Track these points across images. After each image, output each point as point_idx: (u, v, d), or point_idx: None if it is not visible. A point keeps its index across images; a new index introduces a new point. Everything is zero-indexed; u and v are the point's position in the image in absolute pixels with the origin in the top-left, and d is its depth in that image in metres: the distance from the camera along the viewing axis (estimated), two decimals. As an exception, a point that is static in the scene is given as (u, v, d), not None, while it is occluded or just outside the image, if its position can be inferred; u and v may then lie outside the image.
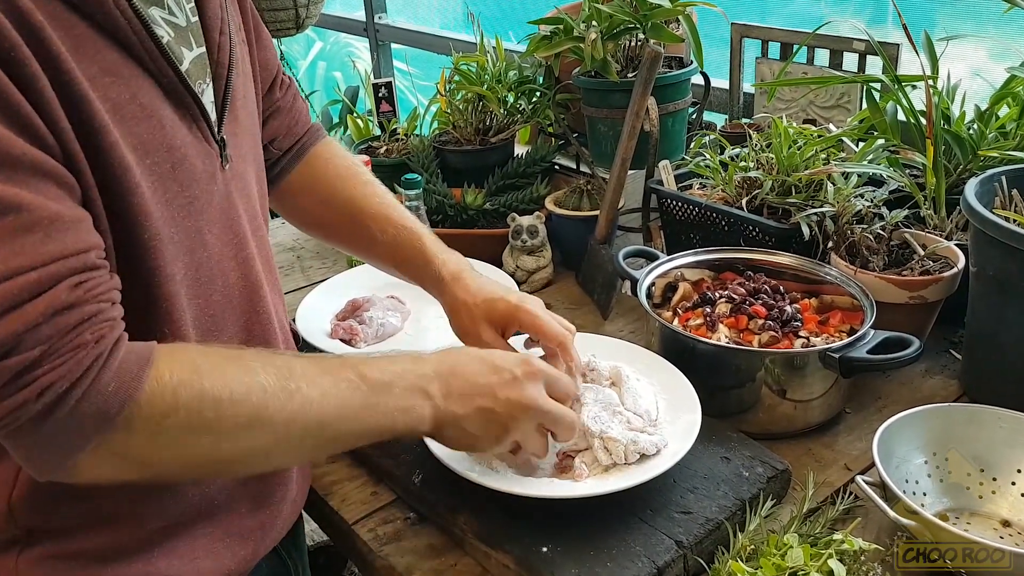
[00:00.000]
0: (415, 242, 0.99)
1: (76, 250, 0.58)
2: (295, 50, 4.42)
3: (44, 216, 0.56)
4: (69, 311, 0.58)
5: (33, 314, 0.55)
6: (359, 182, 1.03)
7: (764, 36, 1.64)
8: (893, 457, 0.89)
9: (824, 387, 1.00)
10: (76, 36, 0.60)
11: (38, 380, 0.56)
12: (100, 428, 0.60)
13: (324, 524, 1.02)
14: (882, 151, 1.23)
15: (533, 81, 1.68)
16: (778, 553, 0.80)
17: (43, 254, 0.56)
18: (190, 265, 0.72)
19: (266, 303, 0.83)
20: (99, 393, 0.59)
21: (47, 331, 0.56)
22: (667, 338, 1.07)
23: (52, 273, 0.57)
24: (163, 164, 0.67)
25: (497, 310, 0.94)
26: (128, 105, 0.64)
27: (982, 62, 1.86)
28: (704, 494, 0.88)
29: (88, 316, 0.59)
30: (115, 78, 0.63)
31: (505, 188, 1.63)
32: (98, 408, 0.59)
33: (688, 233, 1.34)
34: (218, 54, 0.75)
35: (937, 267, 1.12)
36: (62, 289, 0.57)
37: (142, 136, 0.65)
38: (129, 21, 0.64)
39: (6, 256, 0.55)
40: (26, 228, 0.56)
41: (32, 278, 0.55)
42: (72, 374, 0.57)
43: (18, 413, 0.56)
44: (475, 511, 0.87)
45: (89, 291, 0.59)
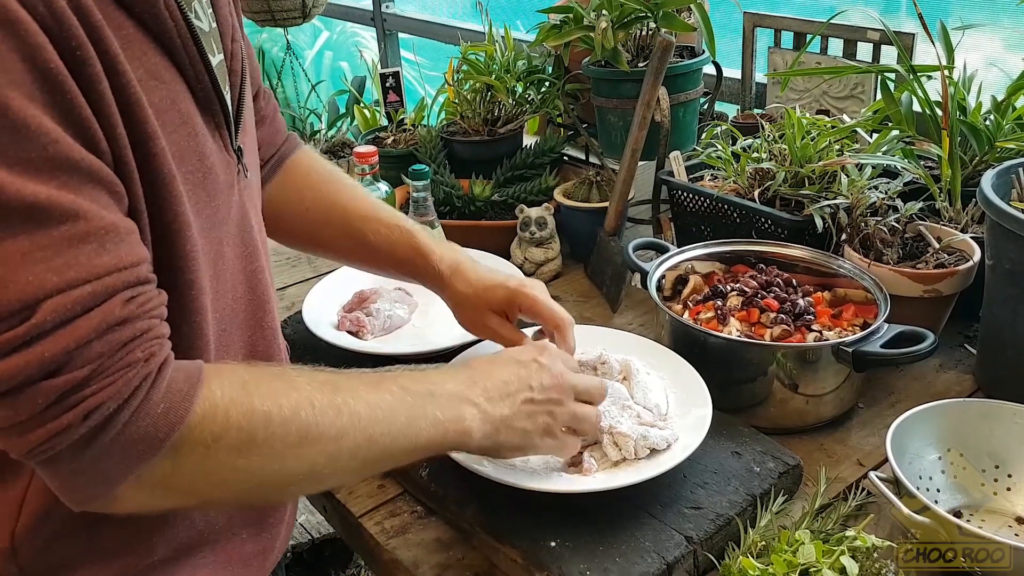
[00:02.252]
0: (410, 240, 0.97)
1: (130, 263, 0.55)
2: (301, 39, 4.40)
3: (100, 226, 0.53)
4: (121, 327, 0.54)
5: (85, 330, 0.52)
6: (343, 186, 1.01)
7: (777, 25, 1.62)
8: (906, 453, 0.88)
9: (837, 381, 0.99)
10: (124, 36, 0.57)
11: (85, 401, 0.53)
12: (147, 453, 0.56)
13: (331, 517, 1.01)
14: (897, 142, 1.21)
15: (542, 71, 1.66)
16: (790, 549, 0.79)
17: (98, 266, 0.53)
18: (212, 277, 0.70)
19: (271, 317, 0.82)
20: (148, 415, 0.55)
21: (98, 348, 0.53)
22: (677, 331, 1.05)
23: (107, 286, 0.53)
24: (196, 173, 0.65)
25: (498, 296, 0.94)
26: (169, 111, 0.61)
27: (997, 52, 1.83)
28: (715, 489, 0.87)
29: (140, 332, 0.56)
30: (158, 82, 0.60)
31: (513, 179, 1.62)
32: (147, 431, 0.55)
33: (699, 225, 1.32)
34: (231, 61, 0.73)
35: (952, 260, 1.10)
36: (115, 303, 0.54)
37: (180, 144, 0.62)
38: (176, 23, 0.61)
39: (60, 267, 0.52)
40: (81, 238, 0.52)
41: (87, 291, 0.52)
42: (121, 395, 0.54)
43: (60, 437, 0.53)
44: (483, 505, 0.87)
45: (141, 306, 0.56)
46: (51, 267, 0.51)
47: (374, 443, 0.67)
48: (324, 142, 2.46)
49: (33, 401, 0.52)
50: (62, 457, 0.54)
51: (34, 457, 0.54)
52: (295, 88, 3.75)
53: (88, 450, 0.54)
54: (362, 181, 1.44)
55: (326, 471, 0.66)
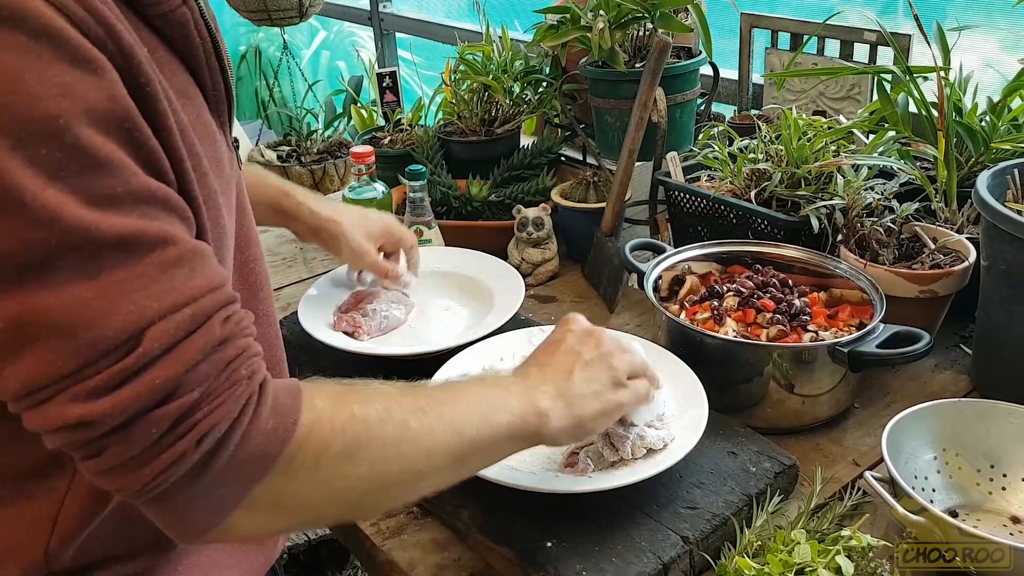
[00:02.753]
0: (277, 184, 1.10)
1: (219, 283, 0.56)
2: (298, 39, 4.40)
3: (188, 249, 0.54)
4: (224, 347, 0.54)
5: (191, 353, 0.52)
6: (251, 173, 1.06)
7: (774, 26, 1.62)
8: (902, 453, 0.88)
9: (833, 382, 0.99)
10: (158, 59, 0.58)
11: (198, 425, 0.52)
12: (261, 472, 0.56)
13: (327, 517, 1.01)
14: (893, 143, 1.22)
15: (539, 71, 1.66)
16: (785, 549, 0.79)
17: (193, 288, 0.53)
18: (240, 276, 0.71)
19: (268, 304, 0.82)
20: (259, 432, 0.55)
21: (205, 370, 0.53)
22: (674, 332, 1.06)
23: (204, 308, 0.53)
24: (220, 179, 0.65)
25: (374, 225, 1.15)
26: (196, 125, 0.62)
27: (993, 53, 1.84)
28: (711, 489, 0.87)
29: (241, 351, 0.56)
30: (187, 99, 0.61)
31: (511, 180, 1.62)
32: (259, 449, 0.55)
33: (696, 226, 1.33)
34: None
35: (948, 261, 1.10)
36: (215, 324, 0.54)
37: (210, 154, 0.63)
38: (203, 40, 0.62)
39: (159, 294, 0.51)
40: (173, 263, 0.53)
41: (187, 315, 0.52)
42: (231, 414, 0.53)
43: (176, 467, 0.52)
44: (479, 505, 0.87)
45: (237, 324, 0.56)
46: (149, 294, 0.51)
47: (462, 436, 0.67)
48: (321, 142, 2.47)
49: (146, 432, 0.51)
50: (175, 488, 0.53)
51: (147, 493, 0.53)
52: (292, 88, 3.75)
53: (203, 477, 0.53)
54: (359, 181, 1.44)
55: (424, 470, 0.66)
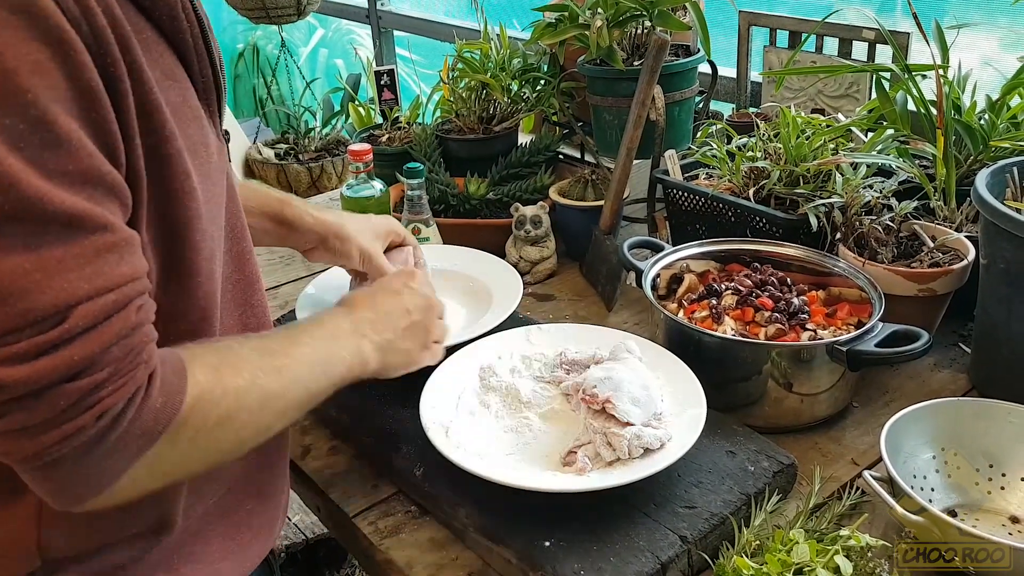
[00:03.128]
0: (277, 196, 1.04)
1: (141, 272, 0.59)
2: (296, 37, 4.39)
3: (123, 238, 0.57)
4: (134, 332, 0.58)
5: (109, 335, 0.55)
6: None
7: (772, 24, 1.62)
8: (901, 452, 0.88)
9: (831, 380, 0.99)
10: (144, 40, 0.60)
11: (102, 402, 0.55)
12: (145, 447, 0.59)
13: (325, 517, 1.01)
14: (892, 141, 1.21)
15: (537, 69, 1.66)
16: (784, 549, 0.79)
17: (120, 276, 0.56)
18: (210, 261, 0.72)
19: (260, 296, 0.83)
20: (150, 410, 0.58)
21: (117, 352, 0.56)
22: (672, 330, 1.05)
23: (126, 295, 0.57)
24: (204, 164, 0.68)
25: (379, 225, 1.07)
26: (182, 107, 0.64)
27: (993, 51, 1.84)
28: (709, 488, 0.87)
29: (146, 337, 0.59)
30: (173, 82, 0.63)
31: (509, 177, 1.61)
32: (148, 425, 0.59)
33: (694, 224, 1.32)
34: None
35: (947, 259, 1.10)
36: (131, 310, 0.57)
37: (193, 138, 0.65)
38: (191, 24, 0.64)
39: (91, 275, 0.54)
40: (108, 248, 0.56)
41: (111, 299, 0.56)
42: (127, 395, 0.57)
43: (72, 439, 0.55)
44: (477, 505, 0.86)
45: (147, 313, 0.60)
46: (83, 275, 0.54)
47: (308, 391, 0.74)
48: (318, 140, 2.46)
49: (54, 403, 0.54)
50: (66, 459, 0.56)
51: (37, 460, 0.55)
52: (290, 85, 3.74)
53: (95, 450, 0.56)
54: (356, 179, 1.43)
55: (276, 425, 0.73)
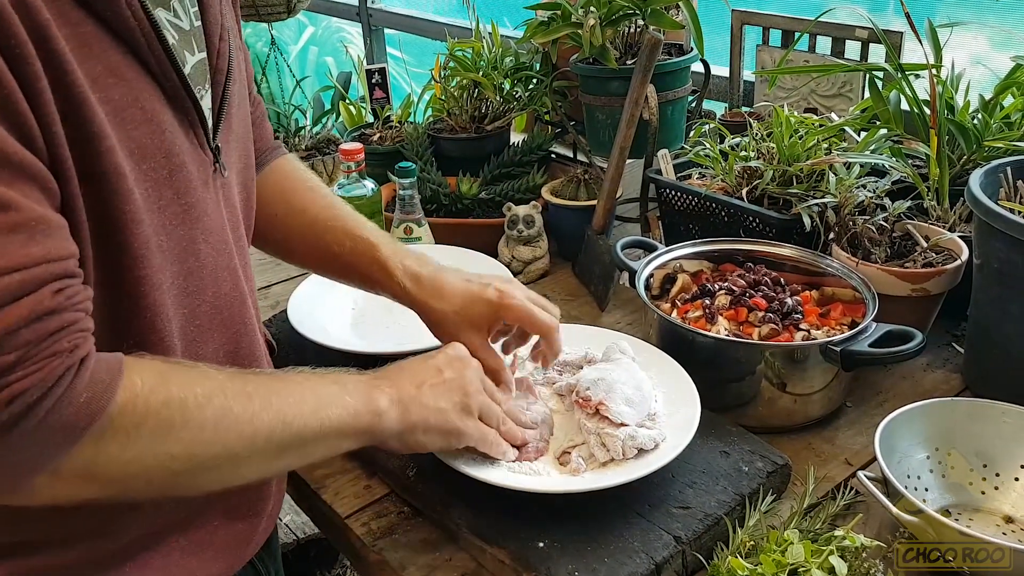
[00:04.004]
0: (372, 253, 0.94)
1: (59, 255, 0.57)
2: (286, 35, 4.37)
3: (30, 218, 0.55)
4: (49, 317, 0.55)
5: (14, 317, 0.53)
6: (316, 196, 1.00)
7: (765, 23, 1.62)
8: (895, 452, 0.88)
9: (825, 381, 0.99)
10: (82, 34, 0.58)
11: (9, 387, 0.53)
12: (67, 442, 0.57)
13: (317, 518, 1.00)
14: (885, 141, 1.21)
15: (530, 68, 1.65)
16: (778, 549, 0.79)
17: (27, 256, 0.54)
18: (178, 274, 0.70)
19: (251, 314, 0.82)
20: (71, 404, 0.56)
21: (26, 336, 0.54)
22: (666, 330, 1.05)
23: (36, 276, 0.55)
24: (160, 170, 0.65)
25: (480, 314, 0.91)
26: (129, 108, 0.62)
27: (983, 50, 1.84)
28: (703, 489, 0.87)
29: (66, 324, 0.57)
30: (118, 80, 0.61)
31: (501, 177, 1.61)
32: (69, 420, 0.57)
33: (687, 224, 1.32)
34: (217, 60, 0.73)
35: (940, 259, 1.10)
36: (45, 293, 0.55)
37: (140, 140, 0.63)
38: (139, 22, 0.62)
39: None
40: (12, 228, 0.54)
41: (16, 279, 0.54)
42: (45, 383, 0.55)
43: None
44: (470, 505, 0.86)
45: (69, 298, 0.57)
46: None
47: (288, 426, 0.69)
48: (309, 138, 2.44)
49: None
50: None
51: None
52: (280, 84, 3.72)
53: (7, 438, 0.55)
54: (348, 179, 1.42)
55: (243, 454, 0.67)
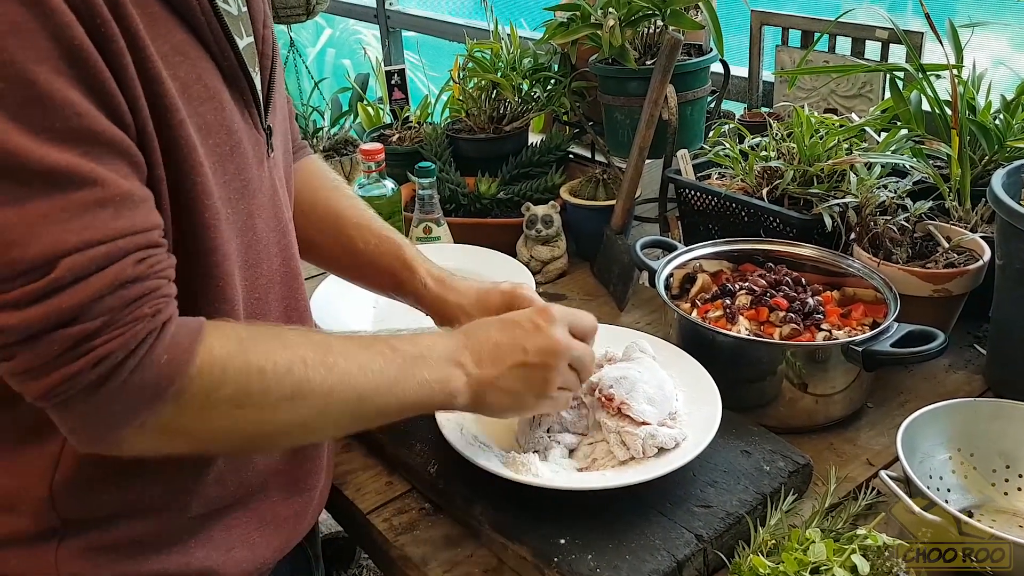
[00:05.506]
0: (397, 252, 0.96)
1: (143, 227, 0.60)
2: (304, 37, 4.40)
3: (117, 193, 0.58)
4: (132, 284, 0.59)
5: (99, 285, 0.57)
6: (340, 195, 1.01)
7: (784, 23, 1.61)
8: (917, 452, 0.87)
9: (846, 381, 0.98)
10: (151, 14, 0.62)
11: (96, 350, 0.57)
12: (151, 401, 0.60)
13: (338, 514, 1.01)
14: (906, 141, 1.21)
15: (548, 68, 1.66)
16: (800, 548, 0.78)
17: (113, 229, 0.57)
18: (241, 247, 0.73)
19: (302, 290, 0.85)
20: (153, 365, 0.59)
21: (110, 303, 0.57)
22: (686, 330, 1.05)
23: (120, 247, 0.58)
24: (223, 146, 0.69)
25: (493, 302, 0.92)
26: (194, 85, 0.65)
27: (1004, 51, 1.83)
28: (724, 488, 0.87)
29: (149, 291, 0.60)
30: (184, 58, 0.64)
31: (519, 177, 1.61)
32: (151, 380, 0.60)
33: (706, 224, 1.32)
34: (262, 45, 0.77)
35: (962, 260, 1.10)
36: (128, 263, 0.58)
37: (206, 117, 0.66)
38: (200, 4, 0.65)
39: (79, 229, 0.56)
40: (99, 203, 0.57)
41: (102, 251, 0.57)
42: (128, 345, 0.58)
43: (72, 382, 0.57)
44: (491, 502, 0.86)
45: (151, 267, 0.60)
46: (69, 228, 0.56)
47: (363, 400, 0.71)
48: (327, 139, 2.46)
49: (49, 348, 0.56)
50: (74, 401, 0.58)
51: (48, 399, 0.59)
52: (298, 85, 3.74)
53: (97, 395, 0.58)
54: (368, 179, 1.43)
55: (316, 424, 0.70)
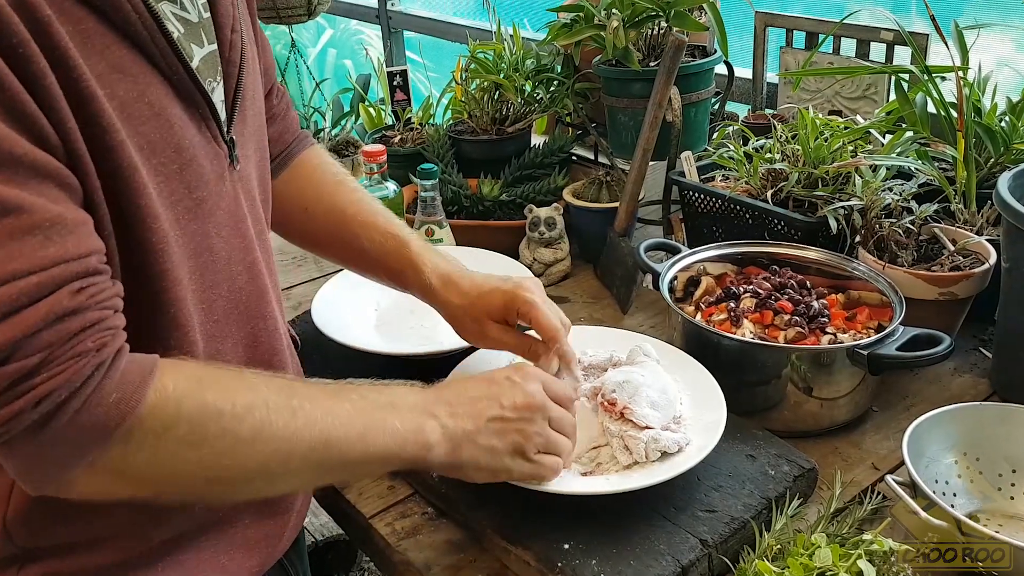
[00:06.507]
0: (402, 250, 0.95)
1: (78, 254, 0.56)
2: (305, 37, 4.40)
3: (45, 218, 0.54)
4: (71, 317, 0.55)
5: (33, 319, 0.53)
6: (346, 189, 0.99)
7: (789, 25, 1.61)
8: (923, 456, 0.87)
9: (851, 385, 0.98)
10: (84, 31, 0.58)
11: (36, 388, 0.54)
12: (99, 441, 0.58)
13: (340, 518, 1.01)
14: (911, 144, 1.20)
15: (551, 70, 1.65)
16: (806, 553, 0.78)
17: (43, 258, 0.54)
18: (195, 269, 0.70)
19: (271, 308, 0.81)
20: (100, 404, 0.57)
21: (47, 337, 0.54)
22: (690, 333, 1.05)
23: (53, 277, 0.54)
24: (170, 165, 0.65)
25: (495, 303, 0.90)
26: (135, 103, 0.62)
27: (1008, 53, 1.83)
28: (729, 492, 0.86)
29: (90, 323, 0.57)
30: (123, 75, 0.61)
31: (522, 179, 1.61)
32: (98, 419, 0.57)
33: (711, 226, 1.31)
34: (229, 52, 0.73)
35: (967, 263, 1.09)
36: (63, 294, 0.55)
37: (149, 136, 0.63)
38: (140, 16, 0.61)
39: (4, 259, 0.52)
40: (25, 230, 0.53)
41: (32, 282, 0.53)
42: (72, 383, 0.55)
43: (13, 423, 0.54)
44: (494, 507, 0.86)
45: (91, 297, 0.57)
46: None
47: (329, 448, 0.67)
48: (328, 140, 2.46)
49: None
50: (16, 442, 0.55)
51: None
52: (299, 86, 3.74)
53: (40, 435, 0.55)
54: (370, 180, 1.43)
55: (278, 471, 0.66)
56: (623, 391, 0.90)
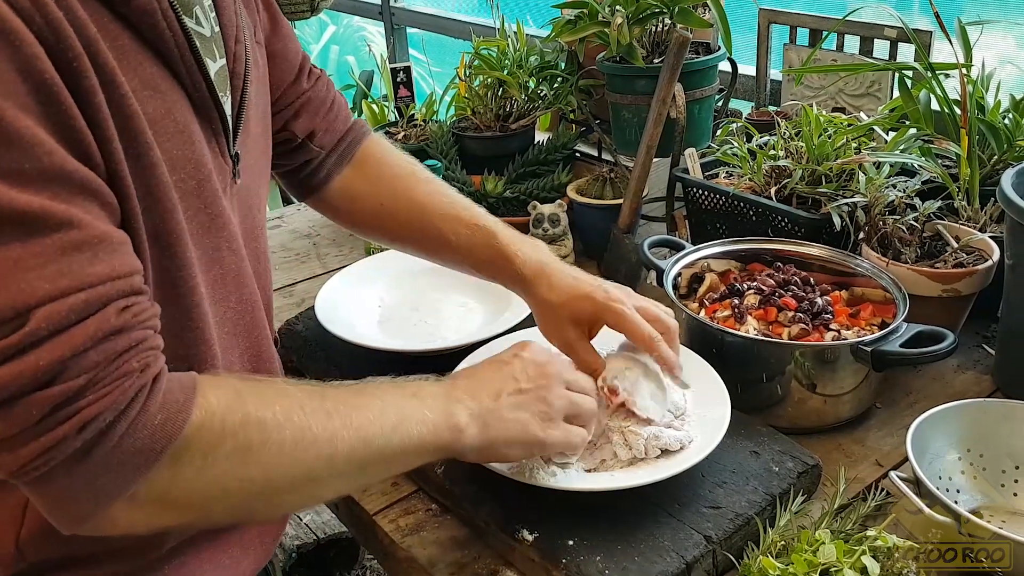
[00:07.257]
0: (491, 241, 0.93)
1: (123, 272, 0.55)
2: (307, 33, 4.40)
3: (94, 235, 0.53)
4: (117, 336, 0.54)
5: (81, 338, 0.51)
6: (418, 180, 0.98)
7: (792, 22, 1.61)
8: (926, 453, 0.87)
9: (855, 381, 0.98)
10: (121, 47, 0.58)
11: (81, 412, 0.51)
12: (145, 465, 0.55)
13: (343, 515, 1.01)
14: (915, 141, 1.20)
15: (555, 66, 1.65)
16: (810, 549, 0.78)
17: (91, 275, 0.52)
18: (209, 283, 0.70)
19: (261, 315, 0.81)
20: (146, 426, 0.54)
21: (94, 357, 0.52)
22: (694, 330, 1.05)
23: (101, 295, 0.53)
24: (189, 181, 0.65)
25: (583, 310, 0.89)
26: (163, 120, 0.62)
27: (1012, 50, 1.83)
28: (733, 489, 0.87)
29: (135, 343, 0.55)
30: (153, 92, 0.61)
31: (526, 175, 1.61)
32: (144, 443, 0.54)
33: (714, 223, 1.31)
34: (234, 64, 0.72)
35: (971, 260, 1.09)
36: (110, 312, 0.53)
37: (172, 152, 0.62)
38: (174, 34, 0.61)
39: (53, 275, 0.51)
40: (75, 247, 0.52)
41: (80, 299, 0.52)
42: (117, 406, 0.53)
43: (54, 452, 0.51)
44: (498, 503, 0.86)
45: (136, 316, 0.55)
46: (43, 275, 0.51)
47: (368, 444, 0.66)
48: (333, 137, 2.45)
49: (26, 413, 0.50)
50: (55, 474, 0.52)
51: (25, 475, 0.52)
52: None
53: (83, 465, 0.53)
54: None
55: (323, 475, 0.65)
56: (624, 380, 0.89)
